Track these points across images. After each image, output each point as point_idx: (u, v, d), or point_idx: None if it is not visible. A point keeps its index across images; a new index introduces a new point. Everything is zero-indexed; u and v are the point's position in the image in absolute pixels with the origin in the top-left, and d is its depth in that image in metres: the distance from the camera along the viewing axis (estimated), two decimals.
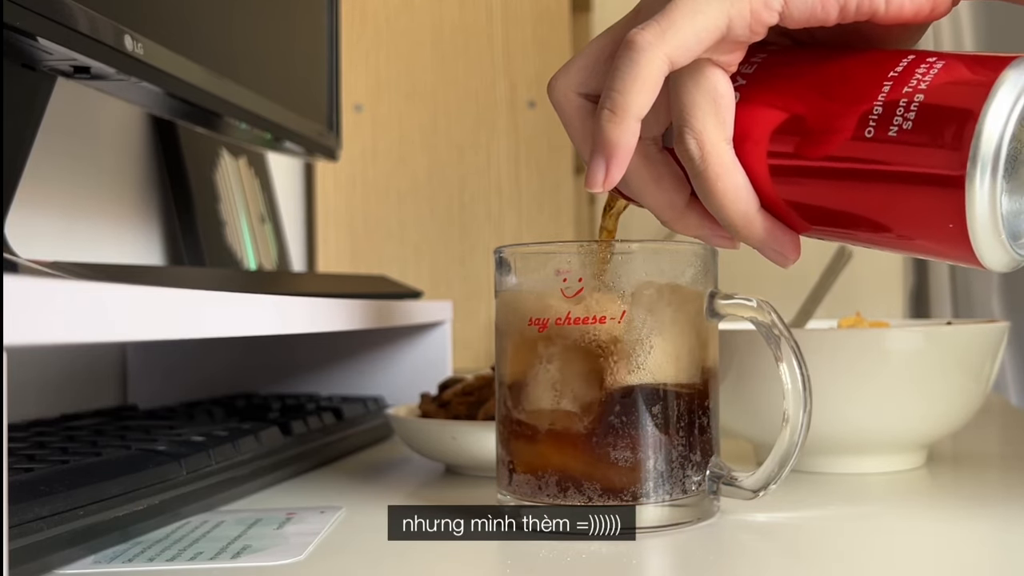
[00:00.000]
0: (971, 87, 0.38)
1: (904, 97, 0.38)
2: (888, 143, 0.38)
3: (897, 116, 0.38)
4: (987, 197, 0.37)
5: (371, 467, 0.68)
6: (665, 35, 0.39)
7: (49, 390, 0.78)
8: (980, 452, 0.69)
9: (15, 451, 0.51)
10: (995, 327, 0.59)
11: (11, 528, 0.38)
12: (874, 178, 0.39)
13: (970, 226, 0.38)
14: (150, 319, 0.39)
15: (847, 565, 0.42)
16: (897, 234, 0.40)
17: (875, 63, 0.41)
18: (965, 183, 0.37)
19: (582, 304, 0.46)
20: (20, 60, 0.55)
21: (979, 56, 0.39)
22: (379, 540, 0.46)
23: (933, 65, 0.39)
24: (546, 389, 0.47)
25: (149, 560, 0.43)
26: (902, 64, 0.40)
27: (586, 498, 0.46)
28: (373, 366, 0.89)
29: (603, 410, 0.46)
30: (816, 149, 0.40)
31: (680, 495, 0.46)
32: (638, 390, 0.46)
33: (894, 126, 0.38)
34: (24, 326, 0.30)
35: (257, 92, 0.78)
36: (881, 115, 0.39)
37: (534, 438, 0.47)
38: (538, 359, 0.47)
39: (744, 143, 0.42)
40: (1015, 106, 0.37)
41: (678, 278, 0.47)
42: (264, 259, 1.08)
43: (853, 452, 0.60)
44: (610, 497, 0.46)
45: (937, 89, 0.38)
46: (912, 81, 0.39)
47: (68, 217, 0.83)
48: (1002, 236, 0.38)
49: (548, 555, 0.43)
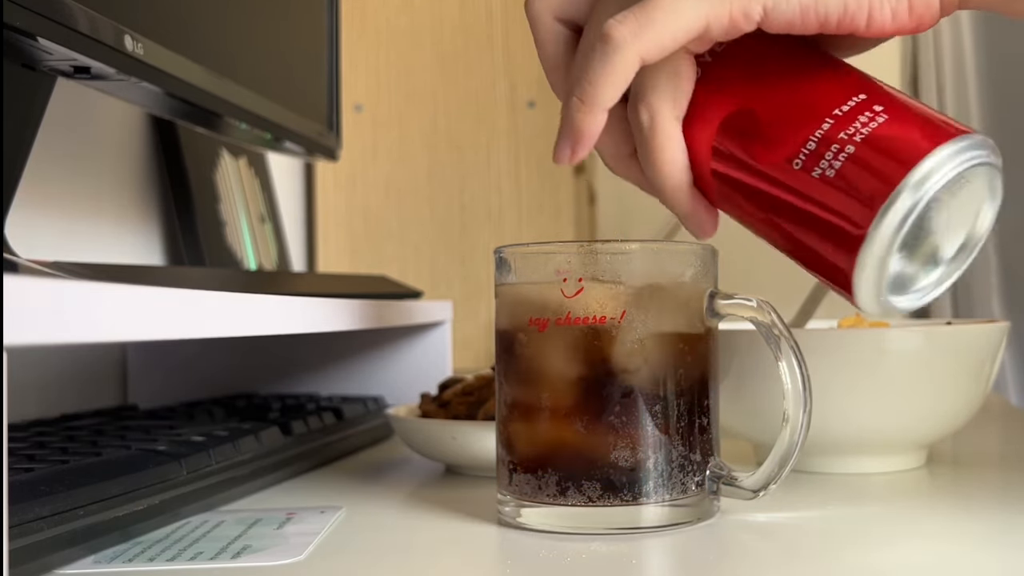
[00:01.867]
0: (899, 157, 0.39)
1: (837, 142, 0.40)
2: (809, 179, 0.41)
3: (825, 159, 0.40)
4: (878, 262, 0.40)
5: (371, 467, 0.68)
6: (641, 33, 0.40)
7: (49, 390, 0.78)
8: (980, 452, 0.69)
9: (15, 451, 0.51)
10: (995, 327, 0.59)
11: (11, 528, 0.38)
12: (787, 205, 0.42)
13: (855, 279, 0.41)
14: (150, 319, 0.39)
15: (847, 565, 0.42)
16: (793, 253, 0.43)
17: (829, 90, 0.42)
18: (863, 244, 0.40)
19: (582, 304, 0.46)
20: (20, 60, 0.55)
21: (925, 117, 0.41)
22: (379, 540, 0.46)
23: (876, 116, 0.41)
24: (546, 389, 0.47)
25: (149, 560, 0.43)
26: (850, 103, 0.41)
27: (586, 498, 0.46)
28: (373, 366, 0.89)
29: (603, 410, 0.46)
30: (754, 152, 0.43)
31: (680, 495, 0.46)
32: (638, 390, 0.46)
33: (819, 168, 0.41)
34: (24, 326, 0.30)
35: (257, 92, 0.78)
36: (812, 152, 0.41)
37: (534, 438, 0.47)
38: (538, 359, 0.47)
39: (694, 121, 0.44)
40: (932, 186, 0.39)
41: (678, 278, 0.47)
42: (264, 259, 1.08)
43: (853, 452, 0.60)
44: (610, 497, 0.46)
45: (869, 145, 0.40)
46: (850, 128, 0.40)
47: (68, 217, 0.83)
48: (882, 296, 0.41)
49: (548, 555, 0.43)
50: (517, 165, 1.46)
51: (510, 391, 0.49)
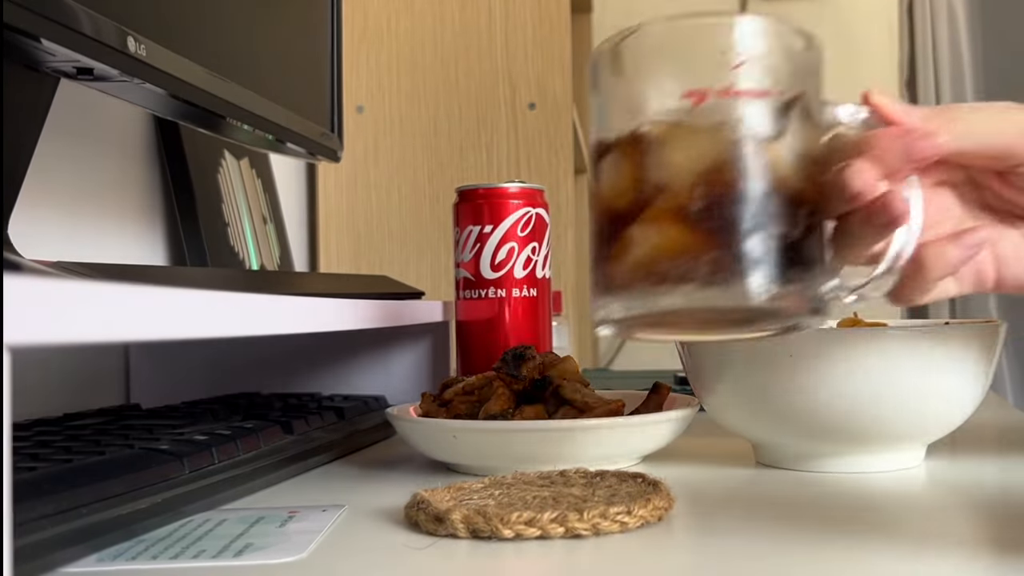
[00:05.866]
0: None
1: None
2: None
3: None
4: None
5: (373, 466, 0.68)
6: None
7: (52, 390, 0.78)
8: (978, 452, 0.69)
9: (19, 450, 0.51)
10: (992, 327, 0.59)
11: (15, 526, 0.39)
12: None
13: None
14: (153, 319, 0.39)
15: (846, 564, 0.42)
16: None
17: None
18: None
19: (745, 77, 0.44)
20: (23, 61, 0.55)
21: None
22: (381, 538, 0.47)
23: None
24: (689, 171, 0.44)
25: (152, 558, 0.43)
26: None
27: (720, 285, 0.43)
28: (374, 365, 0.90)
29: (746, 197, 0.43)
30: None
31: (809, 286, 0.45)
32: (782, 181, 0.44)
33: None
34: (27, 326, 0.30)
35: (259, 94, 0.78)
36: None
37: (676, 219, 0.44)
38: (688, 139, 0.44)
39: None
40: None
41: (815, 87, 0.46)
42: (266, 259, 1.08)
43: (851, 452, 0.60)
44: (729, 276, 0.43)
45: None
46: None
47: (71, 218, 0.83)
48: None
49: (549, 555, 0.43)
50: (517, 166, 1.47)
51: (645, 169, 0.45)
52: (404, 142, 1.49)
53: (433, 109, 1.48)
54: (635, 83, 0.46)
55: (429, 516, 0.47)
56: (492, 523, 0.45)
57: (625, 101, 0.46)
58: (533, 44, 1.48)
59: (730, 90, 0.44)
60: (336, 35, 0.98)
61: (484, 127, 1.48)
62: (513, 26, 1.48)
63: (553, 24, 1.48)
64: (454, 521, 0.45)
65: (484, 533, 0.45)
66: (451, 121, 1.48)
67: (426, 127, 1.48)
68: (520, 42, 1.47)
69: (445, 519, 0.46)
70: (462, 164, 1.48)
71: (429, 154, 1.48)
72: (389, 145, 1.49)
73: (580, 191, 1.62)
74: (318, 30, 0.95)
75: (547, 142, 1.47)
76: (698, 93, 0.44)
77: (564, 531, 0.45)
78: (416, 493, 0.50)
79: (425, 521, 0.47)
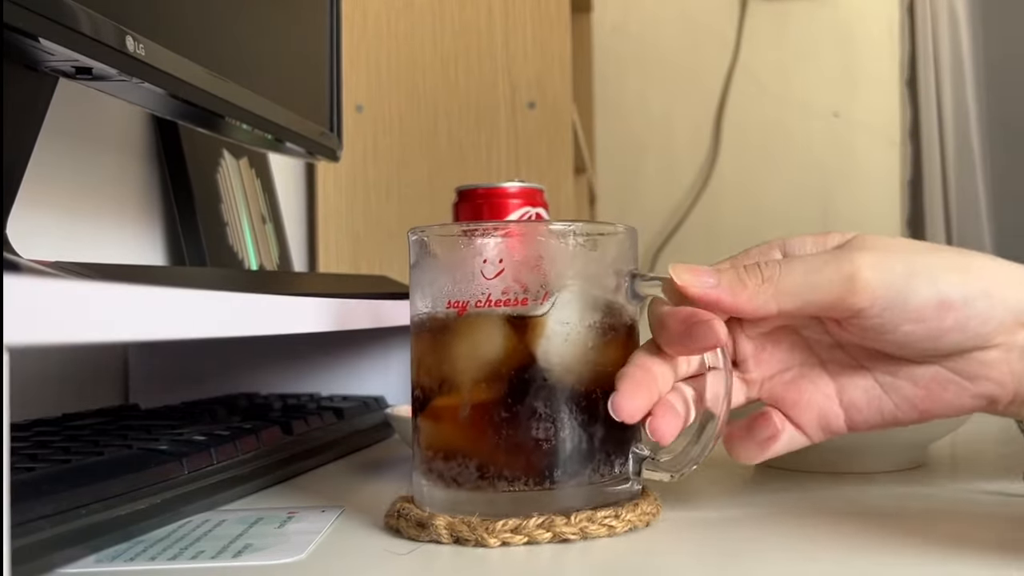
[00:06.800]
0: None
1: None
2: None
3: None
4: None
5: (372, 466, 0.68)
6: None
7: (51, 390, 0.78)
8: (978, 452, 0.69)
9: (17, 450, 0.51)
10: None
11: (13, 527, 0.39)
12: None
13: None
14: (152, 319, 0.39)
15: (846, 565, 0.42)
16: None
17: None
18: None
19: (502, 287, 0.45)
20: (22, 61, 0.55)
21: None
22: (380, 539, 0.47)
23: None
24: (464, 374, 0.46)
25: (151, 559, 0.43)
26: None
27: (507, 482, 0.45)
28: (374, 366, 0.89)
29: (522, 394, 0.45)
30: None
31: (599, 479, 0.46)
32: (558, 373, 0.45)
33: None
34: (25, 326, 0.30)
35: (258, 93, 0.78)
36: None
37: (453, 423, 0.46)
38: (457, 343, 0.46)
39: None
40: None
41: (600, 260, 0.47)
42: (265, 259, 1.08)
43: (852, 452, 0.60)
44: (528, 482, 0.45)
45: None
46: None
47: (70, 217, 0.83)
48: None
49: (546, 554, 0.43)
50: (517, 165, 1.46)
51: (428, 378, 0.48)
52: (404, 142, 1.49)
53: (432, 109, 1.48)
54: (435, 271, 0.48)
55: (411, 522, 0.46)
56: (477, 532, 0.44)
57: (427, 285, 0.48)
58: (533, 44, 1.47)
59: (488, 300, 0.46)
60: (336, 35, 0.98)
61: (483, 127, 1.48)
62: (513, 26, 1.48)
63: (553, 24, 1.48)
64: (437, 527, 0.45)
65: (469, 543, 0.45)
66: (450, 121, 1.48)
67: (426, 127, 1.48)
68: (520, 42, 1.47)
69: (428, 525, 0.45)
70: (462, 164, 1.47)
71: (428, 154, 1.48)
72: (388, 145, 1.49)
73: (580, 191, 1.62)
74: (317, 30, 0.95)
75: (547, 142, 1.46)
76: (460, 304, 0.46)
77: (551, 536, 0.45)
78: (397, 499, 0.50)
79: (407, 527, 0.47)
